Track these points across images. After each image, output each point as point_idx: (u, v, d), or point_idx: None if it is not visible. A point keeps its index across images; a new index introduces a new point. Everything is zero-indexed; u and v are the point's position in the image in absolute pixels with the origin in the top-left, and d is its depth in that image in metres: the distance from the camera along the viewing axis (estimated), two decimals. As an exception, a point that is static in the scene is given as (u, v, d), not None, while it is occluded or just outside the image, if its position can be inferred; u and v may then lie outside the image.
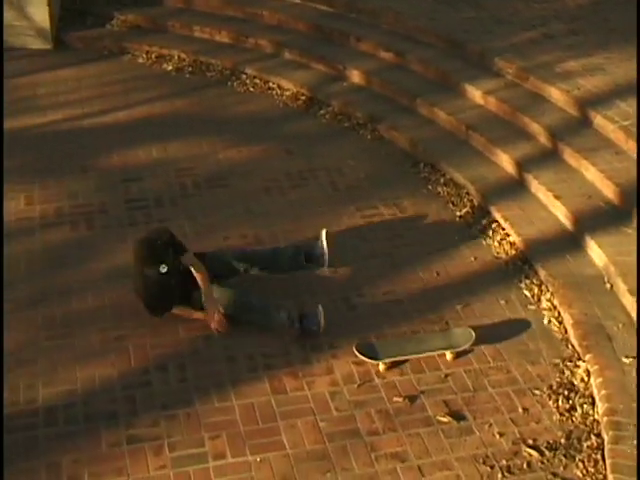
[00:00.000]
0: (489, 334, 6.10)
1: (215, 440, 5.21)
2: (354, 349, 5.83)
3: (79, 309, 6.24)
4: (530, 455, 5.14)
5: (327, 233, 6.53)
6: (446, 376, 5.75)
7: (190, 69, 9.86)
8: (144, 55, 10.13)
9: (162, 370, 5.72)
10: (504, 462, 5.10)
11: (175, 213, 7.25)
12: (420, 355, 5.86)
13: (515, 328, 6.18)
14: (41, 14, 9.99)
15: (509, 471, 5.05)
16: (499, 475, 5.02)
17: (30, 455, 5.07)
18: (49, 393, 5.50)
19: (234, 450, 5.15)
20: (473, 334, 5.93)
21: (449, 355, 5.87)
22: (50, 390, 5.52)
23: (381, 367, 5.76)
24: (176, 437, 5.23)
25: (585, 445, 5.20)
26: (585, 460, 5.10)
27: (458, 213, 7.41)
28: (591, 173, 7.36)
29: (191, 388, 5.59)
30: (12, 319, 6.10)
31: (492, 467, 5.07)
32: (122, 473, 4.98)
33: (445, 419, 5.41)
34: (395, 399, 5.55)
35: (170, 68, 9.89)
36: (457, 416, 5.44)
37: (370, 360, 5.77)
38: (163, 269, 5.88)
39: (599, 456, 5.11)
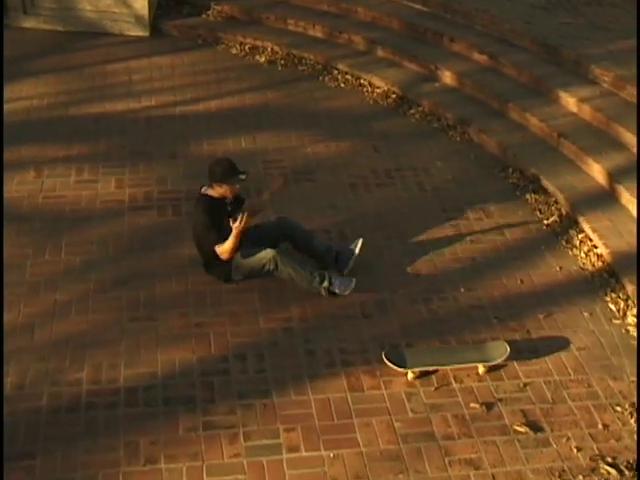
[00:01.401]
0: (571, 346, 6.00)
1: (290, 433, 5.24)
2: (383, 356, 5.75)
3: (162, 293, 6.34)
4: (608, 473, 5.05)
5: (363, 243, 6.55)
6: (525, 385, 5.67)
7: (282, 62, 9.91)
8: (237, 46, 10.22)
9: (241, 359, 5.78)
10: (581, 478, 5.02)
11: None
12: (450, 367, 5.75)
13: (598, 342, 6.06)
14: (140, 2, 10.16)
15: (585, 487, 4.98)
16: (575, 490, 4.96)
17: (110, 433, 5.19)
18: (130, 374, 5.61)
19: (308, 444, 5.17)
20: (508, 349, 5.80)
21: (481, 369, 5.75)
22: (131, 371, 5.63)
23: (410, 376, 5.67)
24: (251, 427, 5.28)
25: (666, 467, 5.09)
26: (665, 482, 4.99)
27: (545, 221, 7.30)
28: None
29: (269, 379, 5.63)
30: (97, 299, 6.24)
31: (568, 481, 5.00)
32: (197, 458, 5.06)
33: (522, 429, 5.34)
34: (472, 405, 5.50)
35: (263, 60, 9.96)
36: (534, 427, 5.37)
37: (398, 368, 5.68)
38: (243, 176, 6.34)
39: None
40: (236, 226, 6.13)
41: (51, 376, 5.56)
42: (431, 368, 5.73)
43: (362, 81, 9.55)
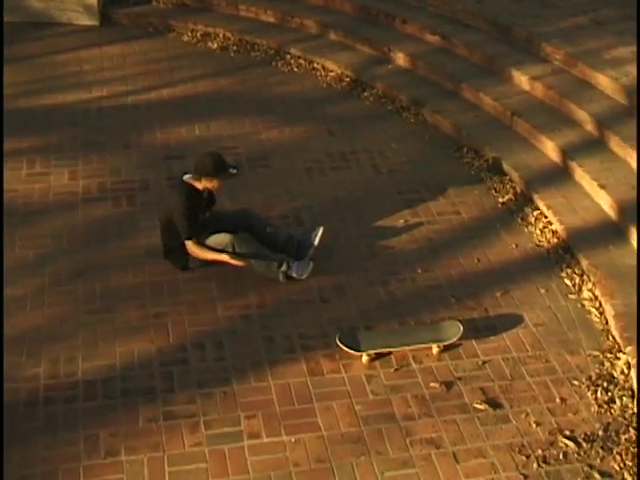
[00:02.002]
0: (528, 322, 6.05)
1: (251, 419, 5.23)
2: (337, 340, 5.74)
3: (119, 284, 6.29)
4: (566, 446, 5.10)
5: (323, 231, 6.51)
6: (483, 363, 5.71)
7: (235, 48, 9.86)
8: (189, 33, 10.14)
9: (200, 348, 5.75)
10: (540, 452, 5.07)
11: (216, 192, 7.24)
12: (405, 348, 5.75)
13: (555, 317, 6.12)
14: (89, -10, 10.05)
15: (545, 461, 5.01)
16: (534, 465, 4.99)
17: (69, 427, 5.13)
18: (89, 367, 5.56)
19: (269, 430, 5.17)
20: (461, 328, 5.83)
21: (435, 349, 5.77)
22: (90, 364, 5.58)
23: (364, 359, 5.67)
24: (212, 415, 5.26)
25: (623, 438, 5.15)
26: (622, 453, 5.05)
27: (500, 200, 7.35)
28: (637, 162, 7.24)
29: (228, 367, 5.61)
30: (52, 293, 6.18)
31: (528, 456, 5.04)
32: (158, 449, 5.03)
33: (481, 406, 5.38)
34: (432, 384, 5.53)
35: (215, 47, 9.89)
36: (493, 404, 5.41)
37: (352, 351, 5.68)
38: (233, 170, 6.29)
39: (637, 450, 5.06)
40: (228, 257, 6.20)
41: (8, 372, 5.49)
42: (385, 350, 5.74)
43: (315, 65, 9.52)
